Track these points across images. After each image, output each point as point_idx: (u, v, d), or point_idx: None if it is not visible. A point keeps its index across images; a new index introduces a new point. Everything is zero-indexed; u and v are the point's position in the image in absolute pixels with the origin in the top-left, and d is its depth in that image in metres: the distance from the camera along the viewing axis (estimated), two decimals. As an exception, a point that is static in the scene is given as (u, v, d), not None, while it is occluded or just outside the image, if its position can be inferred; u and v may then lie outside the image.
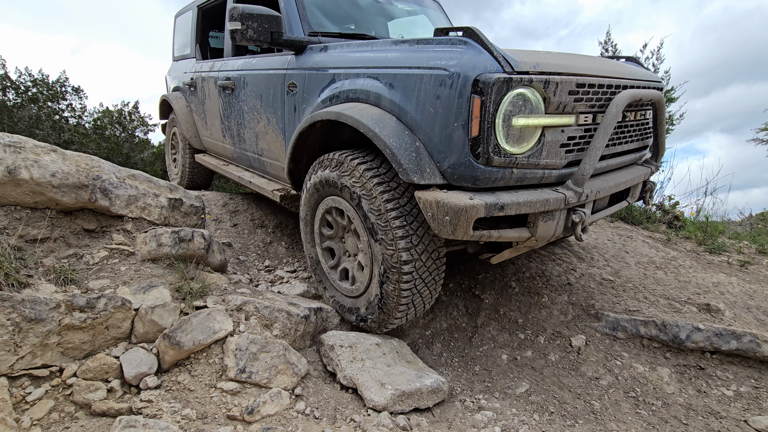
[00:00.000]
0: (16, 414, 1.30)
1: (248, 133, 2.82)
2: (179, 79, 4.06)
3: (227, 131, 3.14)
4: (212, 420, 1.41)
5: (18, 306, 1.37)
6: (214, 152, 3.64)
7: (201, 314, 1.65)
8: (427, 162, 1.55)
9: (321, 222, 2.11)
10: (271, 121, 2.49)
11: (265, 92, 2.51)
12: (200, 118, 3.65)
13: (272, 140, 2.53)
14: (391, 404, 1.56)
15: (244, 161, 3.05)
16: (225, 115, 3.11)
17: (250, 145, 2.84)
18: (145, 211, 2.05)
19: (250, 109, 2.71)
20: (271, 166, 2.66)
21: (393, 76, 1.69)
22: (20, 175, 1.70)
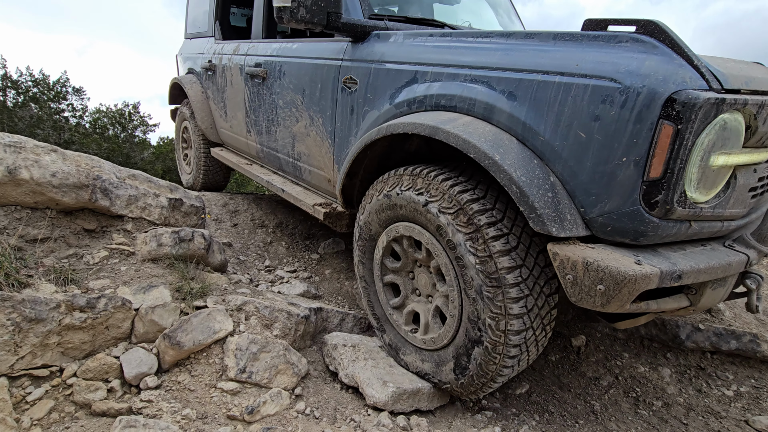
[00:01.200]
0: (16, 414, 1.30)
1: (281, 132, 2.40)
2: (194, 61, 3.53)
3: (253, 126, 2.69)
4: (212, 420, 1.41)
5: (18, 306, 1.37)
6: (235, 148, 3.17)
7: (201, 314, 1.65)
8: (568, 206, 1.16)
9: (385, 251, 1.73)
10: (316, 122, 2.07)
11: (310, 86, 2.07)
12: (218, 108, 3.16)
13: (315, 144, 2.12)
14: (392, 402, 1.56)
15: (273, 163, 2.63)
16: (251, 108, 2.66)
17: (282, 146, 2.42)
18: (145, 211, 2.05)
19: (286, 104, 2.28)
20: (310, 174, 2.25)
21: (515, 83, 1.27)
22: (20, 175, 1.70)
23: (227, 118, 3.05)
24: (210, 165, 3.59)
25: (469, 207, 1.31)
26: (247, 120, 2.75)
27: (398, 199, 1.54)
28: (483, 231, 1.28)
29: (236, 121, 2.91)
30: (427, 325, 1.62)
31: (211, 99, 3.29)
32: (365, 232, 1.78)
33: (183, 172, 4.15)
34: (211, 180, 3.70)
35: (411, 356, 1.70)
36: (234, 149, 3.23)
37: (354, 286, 2.55)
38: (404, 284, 1.74)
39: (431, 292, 1.64)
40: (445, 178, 1.40)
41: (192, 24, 3.74)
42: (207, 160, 3.55)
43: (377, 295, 1.83)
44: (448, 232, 1.36)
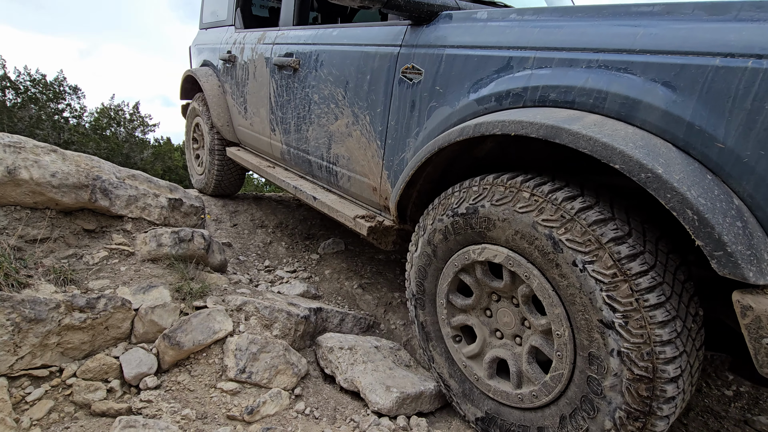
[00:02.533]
0: (16, 414, 1.30)
1: (315, 131, 2.11)
2: (210, 53, 3.26)
3: (279, 124, 2.41)
4: (212, 420, 1.41)
5: (18, 306, 1.37)
6: (254, 148, 2.88)
7: (201, 314, 1.65)
8: (763, 241, 0.88)
9: (451, 285, 1.43)
10: (361, 120, 1.79)
11: (356, 77, 1.79)
12: (237, 104, 2.88)
13: (358, 146, 1.83)
14: (396, 407, 1.55)
15: (301, 166, 2.33)
16: (278, 103, 2.38)
17: (315, 147, 2.13)
18: (145, 211, 2.05)
19: (323, 99, 2.01)
20: (349, 181, 1.95)
21: (675, 69, 0.95)
22: (20, 175, 1.70)
23: (247, 115, 2.76)
24: (225, 167, 3.26)
25: (600, 235, 1.01)
26: (272, 117, 2.44)
27: (481, 212, 1.24)
28: (621, 262, 0.99)
29: (258, 119, 2.62)
30: (519, 375, 1.30)
31: (228, 94, 2.98)
32: (424, 254, 1.47)
33: (194, 174, 3.79)
34: (225, 183, 3.38)
35: (509, 417, 1.33)
36: (253, 149, 2.93)
37: (354, 286, 2.55)
38: (480, 326, 1.42)
39: (516, 332, 1.32)
40: (567, 197, 1.08)
41: (209, 12, 3.46)
42: (222, 161, 3.22)
43: (443, 343, 1.50)
44: (564, 259, 1.06)
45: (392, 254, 3.02)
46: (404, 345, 2.14)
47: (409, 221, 1.72)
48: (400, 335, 2.22)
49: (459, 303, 1.44)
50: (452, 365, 1.50)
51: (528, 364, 1.26)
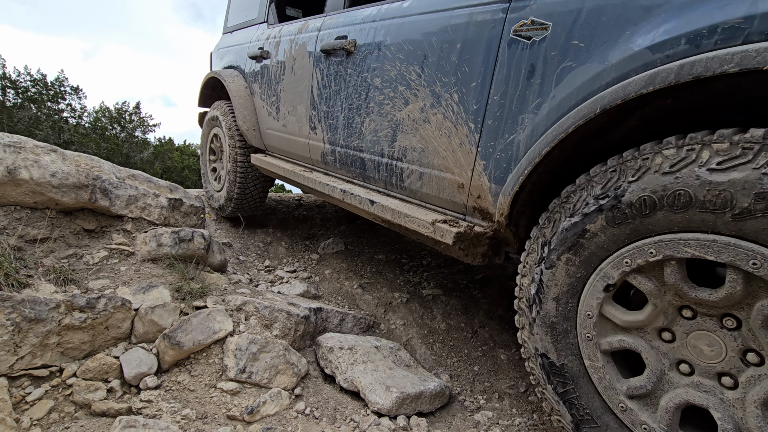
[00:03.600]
0: (16, 414, 1.30)
1: (373, 123, 1.82)
2: (236, 54, 3.10)
3: (322, 120, 2.14)
4: (212, 420, 1.42)
5: (18, 306, 1.37)
6: (285, 153, 2.60)
7: (201, 314, 1.65)
8: None
9: (606, 293, 1.07)
10: (446, 101, 1.48)
11: (438, 50, 1.50)
12: (268, 104, 2.66)
13: (438, 134, 1.53)
14: (396, 407, 1.55)
15: (350, 167, 2.01)
16: (322, 96, 2.12)
17: (373, 142, 1.83)
18: (145, 211, 2.05)
19: (387, 82, 1.72)
20: (423, 180, 1.63)
21: None
22: (20, 175, 1.70)
23: (279, 116, 2.54)
24: (248, 178, 2.94)
25: None
26: (312, 113, 2.20)
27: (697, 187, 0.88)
28: None
29: (293, 118, 2.38)
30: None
31: (256, 95, 2.79)
32: (551, 265, 1.16)
33: (210, 189, 3.39)
34: (249, 198, 3.01)
35: None
36: (283, 155, 2.65)
37: (354, 286, 2.55)
38: (654, 353, 1.04)
39: (729, 368, 0.93)
40: None
41: (235, 15, 3.35)
42: (245, 170, 2.90)
43: (587, 375, 1.14)
44: None
45: (392, 254, 3.02)
46: (404, 345, 2.14)
47: (511, 224, 1.36)
48: (400, 335, 2.22)
49: (619, 318, 1.06)
50: (593, 404, 1.12)
51: (760, 420, 0.87)
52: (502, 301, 2.43)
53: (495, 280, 2.60)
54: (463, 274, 2.71)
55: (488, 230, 1.44)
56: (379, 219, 1.82)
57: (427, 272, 2.76)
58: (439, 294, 2.50)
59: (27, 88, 17.34)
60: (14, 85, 16.84)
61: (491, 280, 2.60)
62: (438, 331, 2.28)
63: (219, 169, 3.27)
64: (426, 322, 2.33)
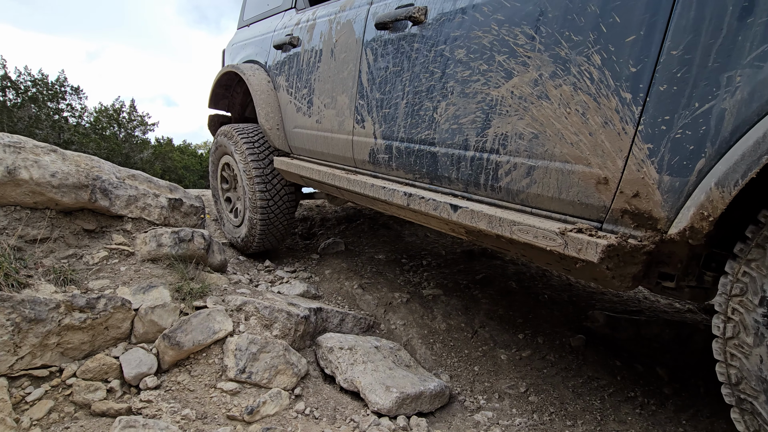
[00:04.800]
0: (16, 414, 1.30)
1: (452, 107, 1.45)
2: (256, 46, 2.82)
3: (374, 110, 1.79)
4: (212, 420, 1.41)
5: (18, 306, 1.37)
6: (319, 154, 2.23)
7: (201, 314, 1.65)
8: None
9: None
10: (580, 66, 1.11)
11: (569, 1, 1.14)
12: (296, 98, 2.34)
13: (566, 113, 1.15)
14: (396, 407, 1.55)
15: (412, 166, 1.64)
16: (374, 80, 1.78)
17: (452, 131, 1.46)
18: (145, 211, 2.05)
19: (476, 54, 1.36)
20: (533, 175, 1.25)
21: None
22: (20, 175, 1.70)
23: (311, 110, 2.21)
24: (276, 197, 2.52)
25: None
26: (360, 104, 1.86)
27: None
28: None
29: (331, 111, 2.05)
30: None
31: (282, 89, 2.48)
32: None
33: (226, 223, 2.95)
34: (277, 224, 2.59)
35: None
36: (313, 156, 2.28)
37: (354, 286, 2.55)
38: None
39: None
40: None
41: (254, 6, 3.08)
42: (272, 188, 2.50)
43: None
44: None
45: (392, 254, 3.02)
46: (404, 345, 2.14)
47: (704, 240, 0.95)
48: (400, 335, 2.22)
49: None
50: None
51: None
52: (503, 301, 2.43)
53: (495, 279, 2.60)
54: (463, 274, 2.71)
55: (647, 243, 1.03)
56: (463, 230, 1.46)
57: (427, 272, 2.76)
58: (440, 294, 2.50)
59: (27, 88, 17.35)
60: (14, 84, 16.85)
61: (491, 280, 2.60)
62: (438, 331, 2.28)
63: (234, 200, 2.88)
64: (426, 322, 2.33)
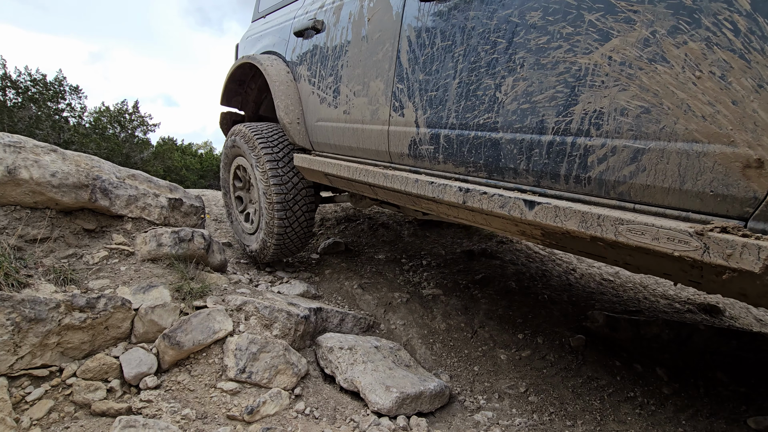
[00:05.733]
0: (16, 414, 1.30)
1: (523, 83, 1.22)
2: (273, 36, 2.67)
3: (416, 94, 1.58)
4: (212, 420, 1.42)
5: (18, 306, 1.37)
6: (343, 148, 2.03)
7: (201, 314, 1.65)
8: None
9: None
10: (708, 20, 0.91)
11: None
12: (320, 87, 2.16)
13: (693, 79, 0.93)
14: (396, 407, 1.55)
15: (470, 156, 1.38)
16: (416, 60, 1.57)
17: (521, 111, 1.22)
18: (145, 211, 2.05)
19: (555, 16, 1.15)
20: (642, 161, 1.01)
21: None
22: (20, 175, 1.70)
23: (338, 100, 2.01)
24: (297, 203, 2.32)
25: None
26: (398, 88, 1.66)
27: None
28: None
29: (362, 99, 1.85)
30: None
31: (303, 79, 2.31)
32: None
33: (239, 230, 2.74)
34: (296, 230, 2.39)
35: None
36: (339, 152, 2.07)
37: (354, 286, 2.56)
38: None
39: None
40: None
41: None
42: (290, 191, 2.30)
43: None
44: None
45: (392, 254, 3.02)
46: (404, 345, 2.14)
47: None
48: (400, 335, 2.22)
49: None
50: None
51: None
52: (502, 301, 2.43)
53: (495, 279, 2.60)
54: (462, 273, 2.71)
55: None
56: (539, 232, 1.25)
57: (426, 272, 2.76)
58: (439, 294, 2.50)
59: (27, 88, 17.35)
60: (14, 84, 16.85)
61: (491, 280, 2.60)
62: (438, 331, 2.28)
63: (246, 203, 2.71)
64: (426, 322, 2.33)
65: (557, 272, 2.65)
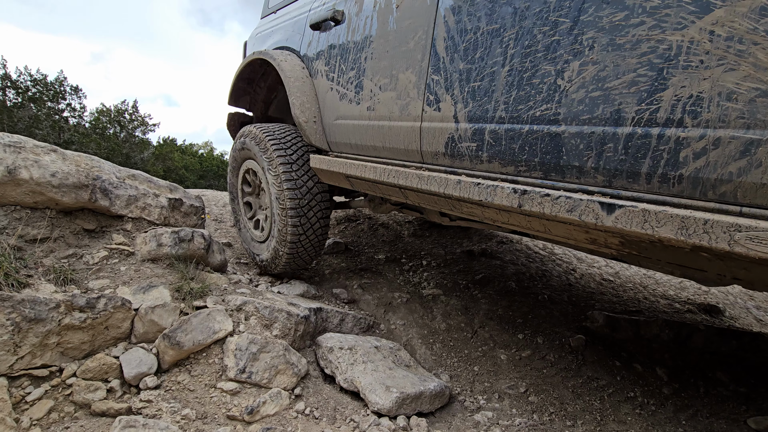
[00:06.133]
0: (16, 414, 1.30)
1: (592, 67, 1.07)
2: (287, 30, 2.53)
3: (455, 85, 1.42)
4: (212, 420, 1.42)
5: (18, 306, 1.37)
6: (366, 148, 1.87)
7: (201, 314, 1.65)
8: None
9: None
10: None
11: None
12: (339, 84, 2.01)
13: None
14: (396, 408, 1.55)
15: (521, 154, 1.22)
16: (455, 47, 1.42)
17: (590, 101, 1.07)
18: (145, 211, 2.05)
19: None
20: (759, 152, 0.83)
21: None
22: (20, 175, 1.70)
23: (361, 96, 1.87)
24: (312, 209, 2.18)
25: None
26: (433, 79, 1.50)
27: None
28: None
29: (390, 94, 1.71)
30: None
31: (320, 74, 2.17)
32: None
33: (247, 236, 2.60)
34: (314, 239, 2.25)
35: None
36: (361, 152, 1.92)
37: (354, 286, 2.56)
38: None
39: None
40: None
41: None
42: (305, 196, 2.15)
43: None
44: None
45: (392, 254, 3.02)
46: (404, 345, 2.14)
47: None
48: (400, 335, 2.22)
49: None
50: None
51: None
52: (502, 301, 2.43)
53: (495, 279, 2.60)
54: (463, 274, 2.71)
55: None
56: (616, 241, 1.09)
57: (426, 272, 2.76)
58: (439, 294, 2.50)
59: (27, 88, 17.35)
60: (14, 84, 16.85)
61: (491, 280, 2.60)
62: (438, 331, 2.28)
63: (254, 206, 2.57)
64: (426, 322, 2.33)
65: (557, 272, 2.65)
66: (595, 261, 2.84)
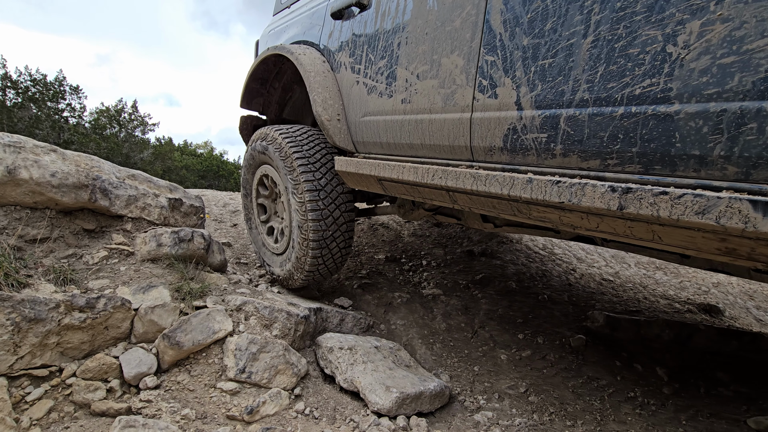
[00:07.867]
0: (16, 414, 1.30)
1: (728, 23, 0.81)
2: (304, 23, 2.37)
3: (516, 66, 1.19)
4: (211, 420, 1.41)
5: (18, 306, 1.37)
6: (401, 147, 1.65)
7: (201, 314, 1.65)
8: None
9: None
10: None
11: None
12: (367, 76, 1.81)
13: None
14: (396, 407, 1.55)
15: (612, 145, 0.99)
16: (516, 21, 1.19)
17: (717, 69, 0.82)
18: (144, 211, 2.05)
19: None
20: None
21: None
22: (20, 175, 1.69)
23: (393, 88, 1.66)
24: (335, 217, 2.01)
25: None
26: (486, 61, 1.27)
27: None
28: None
29: (430, 83, 1.48)
30: None
31: (344, 67, 1.99)
32: None
33: (260, 245, 2.48)
34: (336, 250, 2.08)
35: None
36: (394, 152, 1.72)
37: (354, 286, 2.55)
38: None
39: None
40: None
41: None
42: (328, 204, 1.99)
43: None
44: None
45: (392, 254, 3.02)
46: (404, 345, 2.14)
47: None
48: (400, 335, 2.22)
49: None
50: None
51: None
52: (503, 301, 2.43)
53: (495, 279, 2.60)
54: (463, 274, 2.71)
55: None
56: None
57: (426, 272, 2.76)
58: (439, 294, 2.50)
59: (27, 88, 17.35)
60: (14, 84, 16.85)
61: (491, 280, 2.60)
62: (438, 331, 2.28)
63: (269, 210, 2.44)
64: (426, 322, 2.33)
65: (557, 272, 2.65)
66: (595, 261, 2.84)
